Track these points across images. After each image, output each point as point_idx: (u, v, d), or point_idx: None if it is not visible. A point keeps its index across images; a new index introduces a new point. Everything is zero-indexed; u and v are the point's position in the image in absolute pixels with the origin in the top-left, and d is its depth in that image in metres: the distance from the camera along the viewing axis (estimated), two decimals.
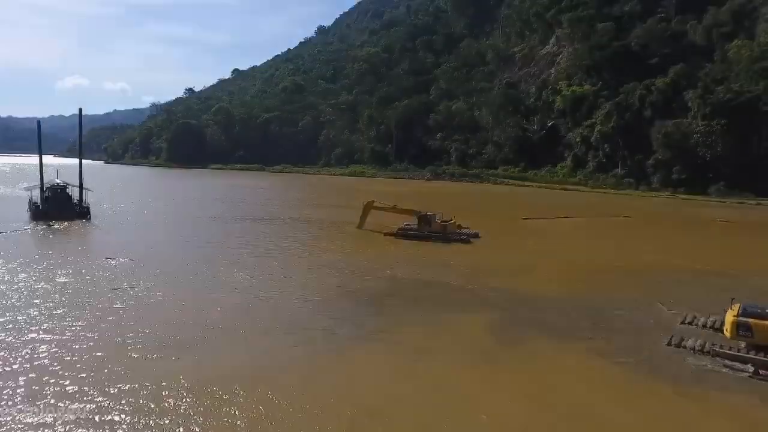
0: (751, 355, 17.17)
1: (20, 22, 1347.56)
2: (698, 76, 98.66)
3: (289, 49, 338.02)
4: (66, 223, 44.14)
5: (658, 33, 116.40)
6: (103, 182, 50.35)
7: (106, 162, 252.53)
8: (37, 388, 14.63)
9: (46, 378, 15.26)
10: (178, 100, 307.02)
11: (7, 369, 16.03)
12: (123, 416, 13.31)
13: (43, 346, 17.87)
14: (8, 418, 13.13)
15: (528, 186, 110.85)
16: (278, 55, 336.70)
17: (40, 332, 19.14)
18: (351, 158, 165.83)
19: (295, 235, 42.71)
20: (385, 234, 41.63)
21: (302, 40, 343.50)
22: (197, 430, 12.82)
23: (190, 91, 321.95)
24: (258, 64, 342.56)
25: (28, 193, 50.13)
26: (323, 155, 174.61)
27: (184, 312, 21.84)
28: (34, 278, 26.53)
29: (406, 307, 23.56)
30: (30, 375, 15.55)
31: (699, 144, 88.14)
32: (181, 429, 12.88)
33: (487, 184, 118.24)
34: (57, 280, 26.42)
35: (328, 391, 15.26)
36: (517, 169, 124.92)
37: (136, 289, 24.90)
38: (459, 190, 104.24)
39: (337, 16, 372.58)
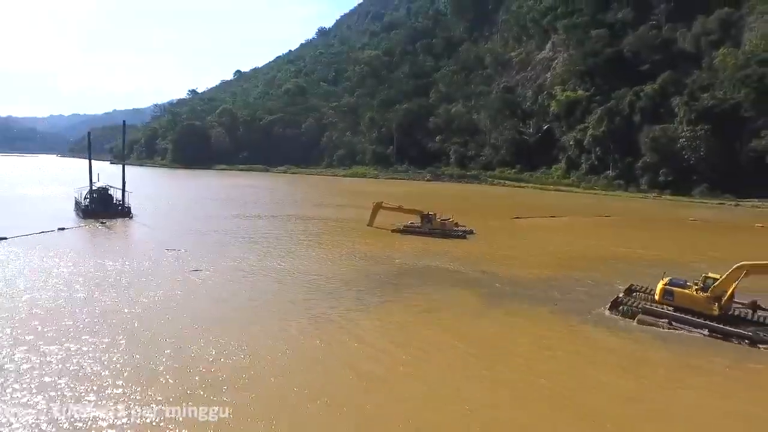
0: (669, 312, 22.71)
1: (20, 21, 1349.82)
2: (685, 83, 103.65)
3: (290, 50, 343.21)
4: (113, 220, 49.45)
5: (650, 40, 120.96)
6: (119, 183, 56.01)
7: (112, 162, 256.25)
8: (155, 330, 19.70)
9: (163, 323, 20.53)
10: (181, 101, 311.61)
11: (152, 317, 22.07)
12: (226, 338, 18.37)
13: (155, 309, 23.67)
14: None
15: (524, 187, 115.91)
16: (279, 57, 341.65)
17: (155, 302, 24.84)
18: (353, 159, 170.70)
19: (313, 231, 47.99)
20: (393, 230, 46.81)
21: (303, 42, 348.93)
22: (281, 347, 17.83)
23: (193, 92, 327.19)
24: (259, 65, 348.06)
25: (77, 194, 55.73)
26: (326, 156, 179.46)
27: (246, 286, 27.82)
28: (124, 266, 31.77)
29: (413, 283, 29.27)
30: (152, 324, 20.93)
31: (684, 148, 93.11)
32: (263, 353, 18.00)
33: (485, 185, 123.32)
34: (141, 266, 31.75)
35: (361, 331, 21.33)
36: (513, 170, 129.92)
37: (204, 272, 30.41)
38: (457, 191, 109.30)
39: (337, 17, 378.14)
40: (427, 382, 16.80)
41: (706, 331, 21.34)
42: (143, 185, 61.25)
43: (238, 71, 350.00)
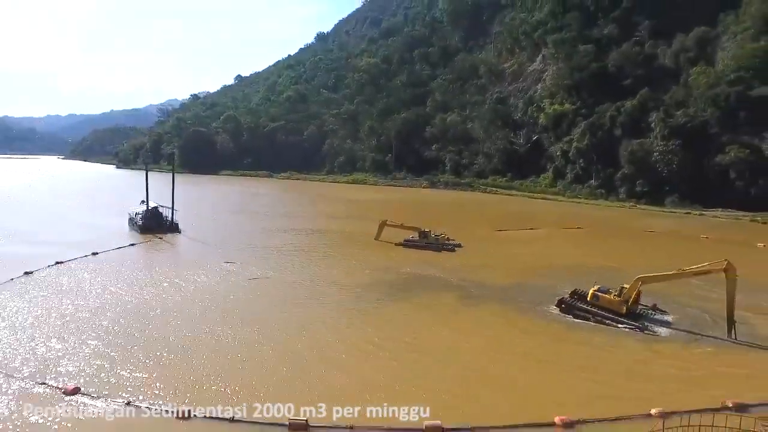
0: (594, 310, 31.80)
1: (20, 21, 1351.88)
2: (663, 99, 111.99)
3: (289, 55, 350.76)
4: (166, 235, 58.83)
5: (633, 56, 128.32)
6: (137, 191, 65.32)
7: (117, 167, 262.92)
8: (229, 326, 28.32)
9: (237, 318, 29.13)
10: (184, 105, 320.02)
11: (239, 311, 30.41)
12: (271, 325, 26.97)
13: (233, 308, 32.81)
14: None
15: (513, 195, 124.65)
16: (279, 61, 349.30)
17: (232, 303, 34.16)
18: (353, 166, 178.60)
19: (332, 244, 57.89)
20: (396, 244, 56.10)
21: (302, 47, 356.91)
22: (306, 333, 26.43)
23: (194, 96, 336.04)
24: (259, 68, 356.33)
25: (130, 212, 65.44)
26: (327, 163, 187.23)
27: (294, 290, 37.66)
28: (202, 277, 41.09)
29: (413, 287, 39.01)
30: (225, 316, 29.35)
31: (658, 161, 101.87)
32: (302, 339, 26.48)
33: (478, 193, 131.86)
34: (212, 276, 41.31)
35: (378, 320, 31.34)
36: (504, 179, 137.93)
37: (261, 279, 40.26)
38: (452, 198, 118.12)
39: (337, 18, 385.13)
40: (425, 348, 25.99)
41: (616, 324, 30.72)
42: (162, 194, 67.46)
43: (238, 76, 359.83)
